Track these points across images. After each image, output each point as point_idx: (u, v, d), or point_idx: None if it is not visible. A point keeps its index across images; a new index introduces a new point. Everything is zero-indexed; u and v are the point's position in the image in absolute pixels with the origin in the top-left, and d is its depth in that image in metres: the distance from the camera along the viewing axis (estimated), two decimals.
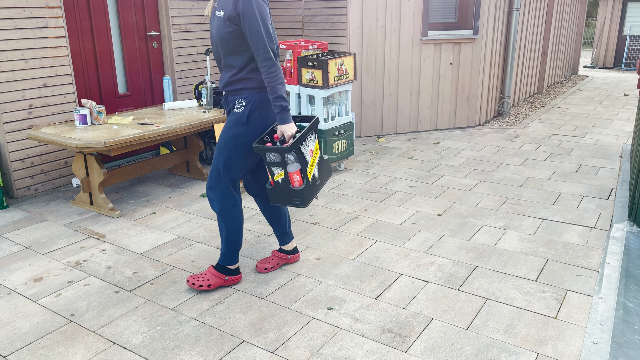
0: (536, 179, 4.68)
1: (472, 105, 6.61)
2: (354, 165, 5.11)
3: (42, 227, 3.69)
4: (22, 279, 2.98)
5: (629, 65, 14.92)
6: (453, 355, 2.32)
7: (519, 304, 2.72)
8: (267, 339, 2.44)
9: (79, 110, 3.98)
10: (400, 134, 6.36)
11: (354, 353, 2.34)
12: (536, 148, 5.76)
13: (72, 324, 2.57)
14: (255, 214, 3.91)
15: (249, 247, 3.38)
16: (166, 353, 2.34)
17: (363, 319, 2.60)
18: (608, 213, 3.91)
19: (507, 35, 7.12)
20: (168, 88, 4.76)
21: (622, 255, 3.18)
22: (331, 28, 5.88)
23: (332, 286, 2.90)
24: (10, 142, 4.12)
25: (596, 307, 2.65)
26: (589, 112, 7.93)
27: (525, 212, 3.93)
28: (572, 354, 2.33)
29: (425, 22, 6.05)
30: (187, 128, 4.13)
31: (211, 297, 2.79)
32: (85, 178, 3.93)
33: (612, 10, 15.02)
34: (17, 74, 4.05)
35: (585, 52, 20.67)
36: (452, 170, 4.97)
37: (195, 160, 4.70)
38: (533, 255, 3.26)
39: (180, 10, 5.24)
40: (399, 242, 3.45)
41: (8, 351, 2.36)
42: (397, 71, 6.13)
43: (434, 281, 2.95)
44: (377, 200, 4.18)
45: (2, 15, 3.90)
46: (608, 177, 4.75)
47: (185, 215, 3.90)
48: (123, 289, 2.89)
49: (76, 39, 4.54)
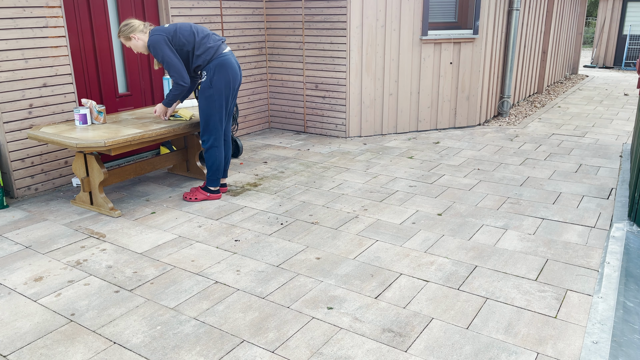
0: (536, 179, 4.68)
1: (472, 104, 6.61)
2: (354, 165, 5.11)
3: (42, 227, 3.70)
4: (22, 279, 2.99)
5: (629, 64, 14.92)
6: (453, 355, 2.32)
7: (518, 303, 2.72)
8: (267, 338, 2.45)
9: (79, 109, 3.98)
10: (400, 134, 6.36)
11: (354, 353, 2.34)
12: (536, 148, 5.77)
13: (72, 323, 2.57)
14: (255, 214, 3.91)
15: (249, 246, 3.39)
16: (166, 352, 2.35)
17: (363, 318, 2.60)
18: (608, 213, 3.91)
19: (507, 35, 7.12)
20: (168, 88, 4.76)
21: (622, 255, 3.18)
22: (331, 28, 5.88)
23: (332, 286, 2.90)
24: (10, 142, 4.12)
25: (596, 307, 2.66)
26: (589, 112, 7.93)
27: (525, 212, 3.93)
28: (572, 353, 2.33)
29: (425, 22, 6.05)
30: (187, 128, 4.13)
31: (211, 297, 2.79)
32: (86, 178, 3.93)
33: (612, 10, 15.02)
34: (17, 74, 4.05)
35: (585, 51, 20.67)
36: (452, 169, 4.97)
37: (195, 159, 4.70)
38: (533, 254, 3.26)
39: (180, 10, 5.24)
40: (399, 241, 3.45)
41: (8, 350, 2.36)
42: (397, 71, 6.13)
43: (434, 281, 2.95)
44: (377, 200, 4.18)
45: (2, 14, 3.90)
46: (608, 176, 4.75)
47: (185, 214, 3.90)
48: (123, 288, 2.89)
49: (76, 39, 4.54)
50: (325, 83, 6.12)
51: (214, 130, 3.98)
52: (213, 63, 3.84)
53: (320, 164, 5.16)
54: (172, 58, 3.75)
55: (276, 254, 3.27)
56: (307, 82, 6.28)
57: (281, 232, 3.60)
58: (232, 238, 3.51)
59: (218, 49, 3.86)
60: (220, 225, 3.72)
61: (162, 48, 3.73)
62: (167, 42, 3.76)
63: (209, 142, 4.01)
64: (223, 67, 3.85)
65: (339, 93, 6.05)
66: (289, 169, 5.00)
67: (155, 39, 3.73)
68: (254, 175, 4.82)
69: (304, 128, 6.49)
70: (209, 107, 3.91)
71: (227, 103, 3.99)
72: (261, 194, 4.34)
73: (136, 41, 3.83)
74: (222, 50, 3.90)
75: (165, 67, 3.79)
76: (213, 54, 3.84)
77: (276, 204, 4.12)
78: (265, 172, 4.91)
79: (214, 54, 3.85)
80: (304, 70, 6.24)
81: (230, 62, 3.91)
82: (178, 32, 3.79)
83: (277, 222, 3.77)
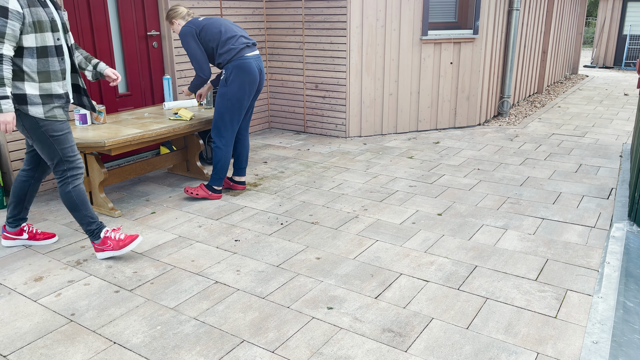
0: (536, 179, 4.69)
1: (472, 104, 6.61)
2: (354, 165, 5.11)
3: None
4: (22, 279, 2.99)
5: (629, 64, 14.92)
6: (453, 355, 2.32)
7: (519, 303, 2.73)
8: (267, 338, 2.45)
9: (79, 109, 3.98)
10: (400, 134, 6.36)
11: (354, 352, 2.34)
12: (536, 147, 5.77)
13: (72, 323, 2.57)
14: (255, 214, 3.91)
15: (249, 246, 3.39)
16: (166, 352, 2.35)
17: (363, 318, 2.60)
18: (608, 212, 3.91)
19: (507, 35, 7.12)
20: (168, 88, 4.76)
21: (622, 255, 3.18)
22: (331, 28, 5.88)
23: (332, 286, 2.90)
24: (10, 142, 4.12)
25: (596, 307, 2.66)
26: (589, 112, 7.93)
27: (525, 212, 3.93)
28: (572, 353, 2.33)
29: (425, 22, 6.05)
30: (187, 128, 4.13)
31: (211, 297, 2.79)
32: (86, 177, 3.93)
33: (612, 9, 15.02)
34: None
35: (585, 51, 20.67)
36: (452, 169, 4.97)
37: (195, 159, 4.70)
38: (533, 254, 3.26)
39: None
40: (399, 241, 3.45)
41: (8, 350, 2.36)
42: (397, 71, 6.13)
43: (434, 281, 2.95)
44: (377, 200, 4.18)
45: None
46: (608, 176, 4.75)
47: (185, 214, 3.90)
48: (123, 288, 2.89)
49: (76, 39, 4.54)
50: (325, 83, 6.12)
51: (223, 128, 4.01)
52: (232, 64, 3.91)
53: (320, 164, 5.16)
54: (195, 50, 3.90)
55: (276, 254, 3.27)
56: (307, 82, 6.28)
57: (281, 232, 3.60)
58: (232, 238, 3.51)
59: (240, 51, 3.92)
60: (220, 225, 3.72)
61: (188, 40, 3.89)
62: (195, 35, 3.90)
63: (216, 140, 4.05)
64: (240, 70, 3.90)
65: (339, 93, 6.05)
66: (289, 169, 5.00)
67: (184, 30, 3.90)
68: (254, 175, 4.82)
69: (304, 128, 6.49)
70: (221, 105, 3.97)
71: (240, 105, 4.00)
72: (261, 194, 4.34)
73: (177, 25, 4.05)
74: (245, 53, 3.93)
75: (189, 58, 3.95)
76: (233, 55, 3.90)
77: (276, 204, 4.12)
78: (265, 172, 4.91)
79: (235, 55, 3.90)
80: (304, 70, 6.24)
81: (250, 66, 3.93)
82: (206, 28, 3.91)
83: (277, 222, 3.77)
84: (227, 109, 3.97)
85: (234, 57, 3.90)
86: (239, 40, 3.94)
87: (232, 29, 3.97)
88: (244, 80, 3.93)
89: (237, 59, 3.90)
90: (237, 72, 3.91)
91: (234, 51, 3.90)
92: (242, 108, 4.02)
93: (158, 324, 2.56)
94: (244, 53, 3.93)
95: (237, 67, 3.90)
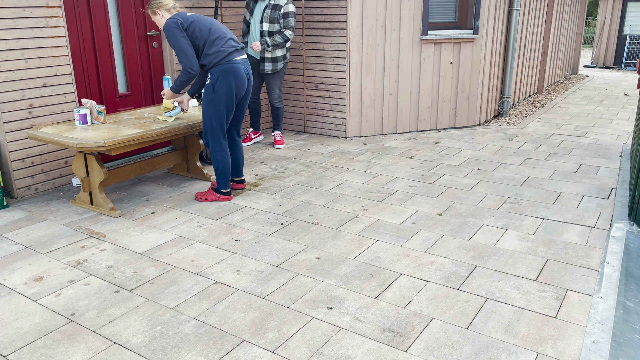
0: (536, 179, 4.68)
1: (472, 104, 6.61)
2: (354, 165, 5.11)
3: (42, 227, 3.70)
4: (22, 279, 2.99)
5: (629, 64, 14.92)
6: (453, 355, 2.32)
7: (519, 303, 2.73)
8: (267, 338, 2.45)
9: (79, 109, 3.98)
10: (400, 134, 6.36)
11: (354, 352, 2.34)
12: (536, 147, 5.77)
13: (72, 323, 2.57)
14: (255, 214, 3.91)
15: (249, 246, 3.39)
16: (166, 352, 2.35)
17: (363, 318, 2.60)
18: (608, 212, 3.91)
19: (507, 35, 7.12)
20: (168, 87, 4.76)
21: (622, 255, 3.18)
22: (331, 28, 5.88)
23: (332, 286, 2.90)
24: (10, 142, 4.12)
25: (596, 307, 2.66)
26: (589, 112, 7.93)
27: (525, 212, 3.93)
28: (572, 353, 2.33)
29: (425, 22, 6.05)
30: (187, 128, 4.13)
31: (211, 297, 2.79)
32: (86, 177, 3.93)
33: (612, 10, 15.02)
34: (17, 74, 4.05)
35: (585, 51, 20.67)
36: (452, 169, 4.97)
37: (195, 159, 4.70)
38: (533, 254, 3.26)
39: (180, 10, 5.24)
40: (399, 241, 3.45)
41: (8, 350, 2.36)
42: (397, 71, 6.13)
43: (434, 281, 2.95)
44: (377, 200, 4.18)
45: (2, 14, 3.90)
46: (608, 176, 4.75)
47: (186, 214, 3.90)
48: (123, 288, 2.89)
49: (76, 39, 4.54)
50: (325, 83, 6.12)
51: (214, 134, 3.94)
52: (219, 68, 3.78)
53: (320, 164, 5.16)
54: (183, 43, 3.70)
55: (276, 254, 3.28)
56: (307, 82, 6.28)
57: (281, 232, 3.60)
58: (232, 238, 3.51)
59: (229, 54, 3.79)
60: (220, 225, 3.72)
61: (174, 32, 3.69)
62: (180, 27, 3.70)
63: (210, 146, 4.00)
64: (228, 75, 3.79)
65: (339, 93, 6.05)
66: (289, 169, 5.00)
67: (169, 22, 3.70)
68: (254, 175, 4.82)
69: (304, 128, 6.49)
70: (210, 112, 3.88)
71: (229, 110, 3.91)
72: (261, 194, 4.34)
73: (160, 18, 3.84)
74: (234, 57, 3.81)
75: (175, 52, 3.77)
76: (222, 58, 3.77)
77: (276, 204, 4.12)
78: (265, 172, 4.91)
79: (223, 59, 3.77)
80: (304, 70, 6.24)
81: (238, 71, 3.83)
82: (195, 24, 3.75)
83: (277, 222, 3.77)
84: (217, 115, 3.88)
85: (222, 61, 3.77)
86: (228, 43, 3.81)
87: (222, 29, 3.85)
88: (231, 85, 3.83)
89: (225, 62, 3.78)
90: (224, 77, 3.79)
91: (222, 54, 3.76)
92: (230, 113, 3.94)
93: (158, 324, 2.56)
94: (232, 57, 3.81)
95: (225, 72, 3.78)
